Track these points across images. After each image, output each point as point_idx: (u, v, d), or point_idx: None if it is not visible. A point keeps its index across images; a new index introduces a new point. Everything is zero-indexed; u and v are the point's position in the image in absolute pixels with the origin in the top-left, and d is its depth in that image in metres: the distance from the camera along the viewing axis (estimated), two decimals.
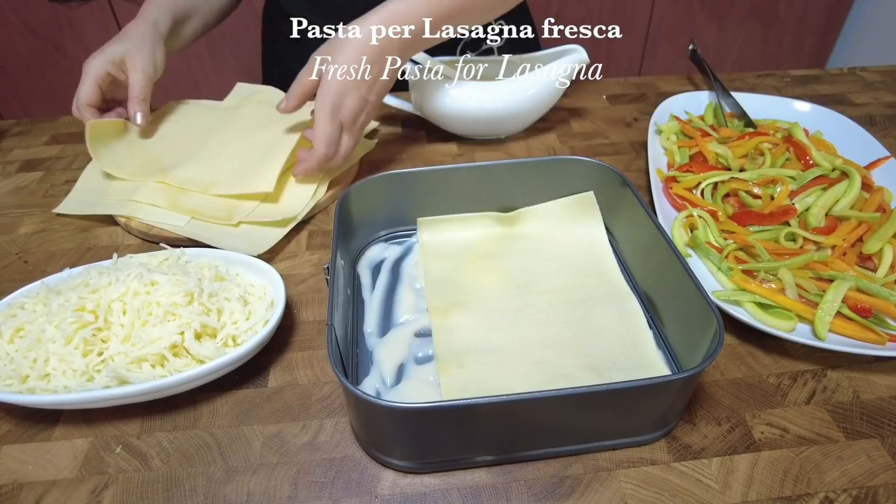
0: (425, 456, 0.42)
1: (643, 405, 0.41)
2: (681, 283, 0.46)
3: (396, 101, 0.78)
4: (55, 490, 0.42)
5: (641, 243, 0.54)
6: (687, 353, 0.46)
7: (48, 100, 1.72)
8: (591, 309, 0.52)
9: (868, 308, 0.50)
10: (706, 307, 0.42)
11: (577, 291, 0.54)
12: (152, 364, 0.45)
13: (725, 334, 0.52)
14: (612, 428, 0.42)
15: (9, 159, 0.78)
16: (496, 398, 0.37)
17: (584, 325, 0.50)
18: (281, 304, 0.49)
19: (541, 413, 0.40)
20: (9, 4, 1.54)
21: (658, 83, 0.92)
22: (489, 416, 0.39)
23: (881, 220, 0.57)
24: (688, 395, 0.43)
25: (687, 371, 0.38)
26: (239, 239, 0.60)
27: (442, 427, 0.40)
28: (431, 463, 0.42)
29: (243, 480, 0.42)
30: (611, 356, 0.48)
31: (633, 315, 0.51)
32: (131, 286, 0.47)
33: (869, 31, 1.84)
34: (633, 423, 0.42)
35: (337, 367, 0.38)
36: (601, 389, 0.38)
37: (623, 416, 0.41)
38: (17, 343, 0.47)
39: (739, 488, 0.41)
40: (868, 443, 0.44)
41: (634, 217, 0.55)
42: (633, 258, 0.56)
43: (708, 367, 0.49)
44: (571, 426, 0.42)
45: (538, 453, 0.43)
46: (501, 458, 0.43)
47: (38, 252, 0.63)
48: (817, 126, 0.74)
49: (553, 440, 0.42)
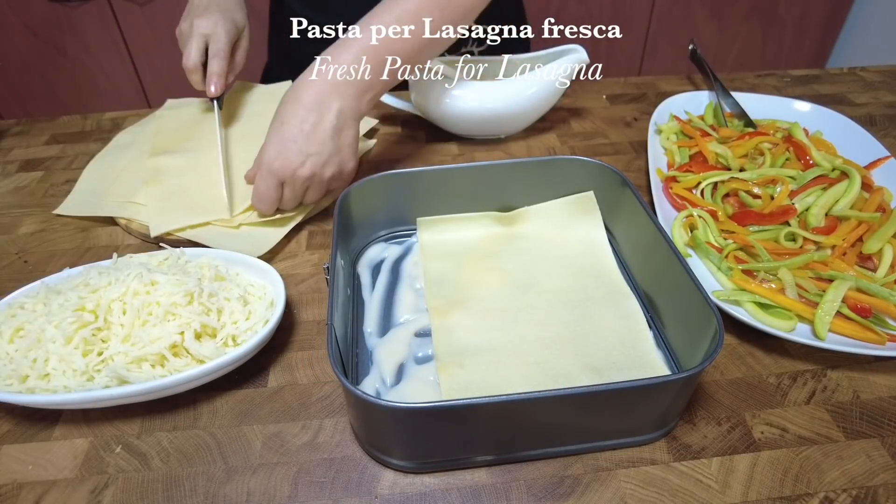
0: (425, 456, 0.42)
1: (643, 405, 0.41)
2: (680, 283, 0.46)
3: (396, 101, 0.78)
4: (55, 490, 0.42)
5: (641, 243, 0.54)
6: (687, 353, 0.46)
7: (48, 100, 1.72)
8: (590, 309, 0.52)
9: (868, 308, 0.50)
10: (706, 307, 0.42)
11: (576, 291, 0.54)
12: (152, 364, 0.45)
13: (725, 334, 0.52)
14: (612, 428, 0.42)
15: (8, 159, 0.78)
16: (496, 398, 0.37)
17: (583, 324, 0.50)
18: (281, 304, 0.49)
19: (540, 413, 0.40)
20: (9, 4, 1.54)
21: (658, 83, 0.92)
22: (489, 416, 0.39)
23: (881, 219, 0.57)
24: (688, 395, 0.43)
25: (686, 371, 0.38)
26: (239, 240, 0.60)
27: (441, 427, 0.40)
28: (431, 463, 0.42)
29: (243, 480, 0.42)
30: (610, 356, 0.48)
31: (632, 315, 0.51)
32: (131, 286, 0.47)
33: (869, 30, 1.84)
34: (633, 423, 0.42)
35: (337, 367, 0.38)
36: (601, 389, 0.38)
37: (623, 416, 0.41)
38: (16, 343, 0.47)
39: (739, 488, 0.41)
40: (868, 443, 0.44)
41: (634, 217, 0.55)
42: (632, 258, 0.56)
43: (708, 368, 0.49)
44: (571, 426, 0.41)
45: (538, 453, 0.43)
46: (501, 457, 0.43)
47: (37, 252, 0.63)
48: (817, 126, 0.74)
49: (553, 440, 0.42)
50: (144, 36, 1.63)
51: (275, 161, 0.58)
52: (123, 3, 1.57)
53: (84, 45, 1.63)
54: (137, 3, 1.57)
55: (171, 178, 0.67)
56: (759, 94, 0.79)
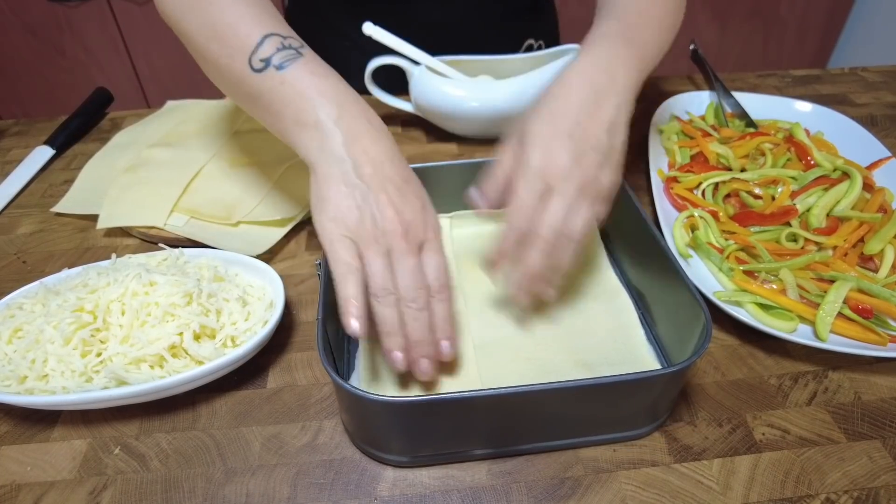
0: (416, 450, 0.42)
1: (633, 399, 0.41)
2: (671, 280, 0.47)
3: (396, 100, 0.78)
4: (54, 491, 0.42)
5: (634, 241, 0.55)
6: (676, 349, 0.47)
7: (47, 100, 1.72)
8: (583, 306, 0.52)
9: (869, 309, 0.49)
10: (695, 303, 0.43)
11: (569, 289, 0.54)
12: (151, 365, 0.45)
13: (726, 335, 0.52)
14: (604, 421, 0.43)
15: (8, 159, 0.77)
16: (484, 392, 0.37)
17: (576, 321, 0.51)
18: (280, 305, 0.49)
19: (531, 407, 0.40)
20: (8, 4, 1.54)
21: (658, 83, 0.92)
22: (479, 409, 0.39)
23: (882, 220, 0.57)
24: (677, 389, 0.44)
25: (673, 366, 0.39)
26: (238, 239, 0.60)
27: (431, 421, 0.40)
28: (422, 457, 0.43)
29: (242, 482, 0.42)
30: (602, 352, 0.48)
31: (624, 312, 0.52)
32: (130, 287, 0.47)
33: (870, 31, 1.84)
34: (625, 416, 0.43)
35: (328, 363, 0.38)
36: (589, 384, 0.38)
37: (613, 409, 0.42)
38: (15, 344, 0.46)
39: (740, 489, 0.41)
40: (869, 444, 0.44)
41: (627, 215, 0.55)
42: (625, 256, 0.57)
43: (707, 369, 0.49)
44: (563, 420, 0.42)
45: (531, 447, 0.43)
46: (494, 451, 0.43)
47: (36, 252, 0.63)
48: (818, 126, 0.74)
49: (546, 434, 0.43)
50: (144, 36, 1.63)
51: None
52: (123, 3, 1.57)
53: (83, 45, 1.63)
54: (137, 2, 1.57)
55: (147, 169, 0.67)
56: (760, 94, 0.79)
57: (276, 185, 0.66)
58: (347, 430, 0.45)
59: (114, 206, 0.63)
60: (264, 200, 0.64)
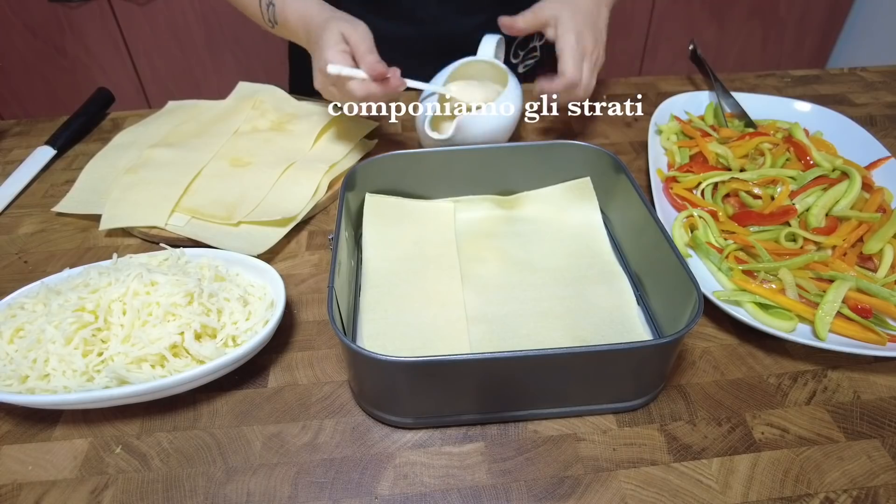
0: (417, 411, 0.44)
1: (623, 370, 0.43)
2: (667, 262, 0.48)
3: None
4: (55, 490, 0.42)
5: (633, 225, 0.56)
6: (670, 328, 0.48)
7: (48, 100, 1.72)
8: (583, 287, 0.54)
9: (868, 308, 0.50)
10: (688, 283, 0.45)
11: (571, 270, 0.56)
12: (152, 364, 0.45)
13: (725, 335, 0.52)
14: (598, 392, 0.45)
15: (9, 159, 0.78)
16: (478, 355, 0.40)
17: (575, 301, 0.53)
18: (281, 305, 0.49)
19: (524, 374, 0.42)
20: (9, 4, 1.54)
21: (658, 83, 0.92)
22: (475, 374, 0.42)
23: (881, 220, 0.57)
24: (667, 363, 0.45)
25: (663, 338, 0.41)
26: (239, 239, 0.60)
27: (427, 383, 0.42)
28: (424, 419, 0.45)
29: (243, 481, 0.42)
30: (599, 330, 0.50)
31: (623, 293, 0.53)
32: (131, 286, 0.47)
33: (869, 31, 1.84)
34: (616, 388, 0.44)
35: (336, 327, 0.40)
36: (580, 351, 0.40)
37: (605, 381, 0.44)
38: (16, 343, 0.47)
39: (740, 489, 0.41)
40: (868, 443, 0.44)
41: (628, 200, 0.57)
42: (625, 240, 0.59)
43: (706, 369, 0.49)
44: (557, 390, 0.44)
45: (525, 414, 0.45)
46: (489, 416, 0.45)
47: (37, 252, 0.63)
48: (818, 126, 0.74)
49: (542, 402, 0.44)
50: (144, 36, 1.63)
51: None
52: (123, 3, 1.57)
53: (84, 45, 1.63)
54: (137, 3, 1.57)
55: (149, 170, 0.67)
56: (759, 94, 0.79)
57: (276, 185, 0.66)
58: (353, 392, 0.47)
59: (116, 207, 0.63)
60: (265, 200, 0.64)
